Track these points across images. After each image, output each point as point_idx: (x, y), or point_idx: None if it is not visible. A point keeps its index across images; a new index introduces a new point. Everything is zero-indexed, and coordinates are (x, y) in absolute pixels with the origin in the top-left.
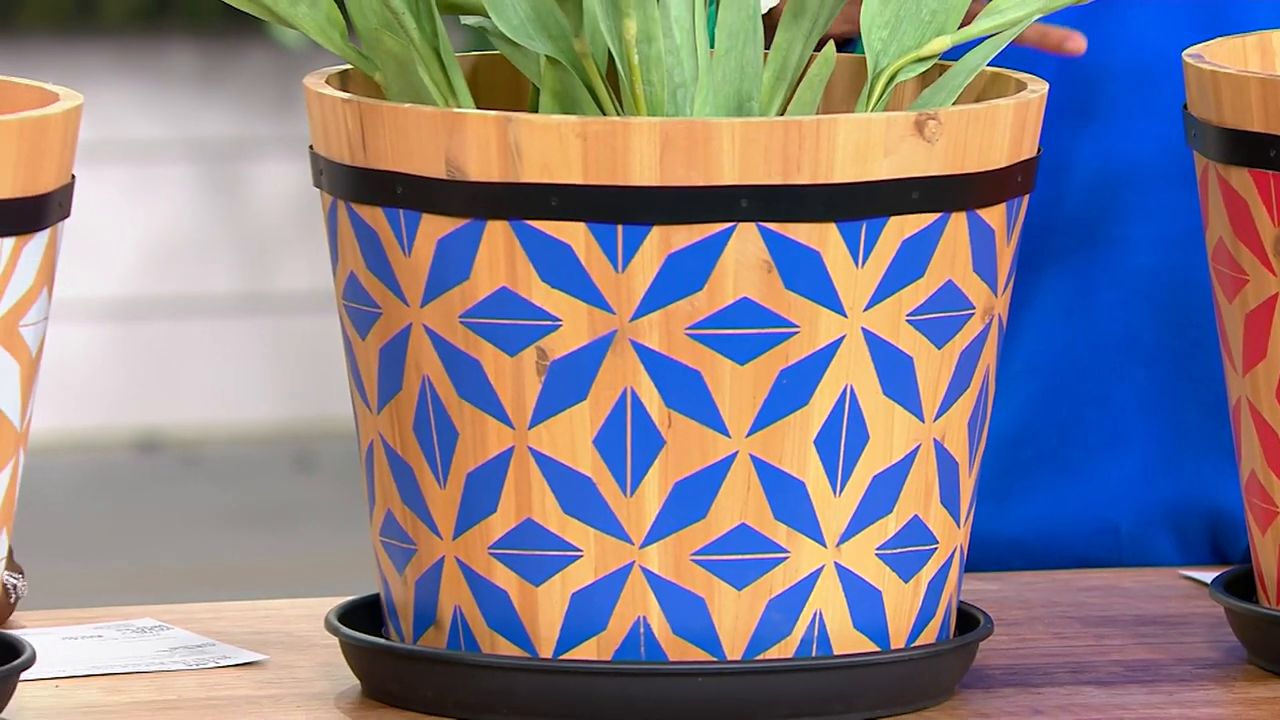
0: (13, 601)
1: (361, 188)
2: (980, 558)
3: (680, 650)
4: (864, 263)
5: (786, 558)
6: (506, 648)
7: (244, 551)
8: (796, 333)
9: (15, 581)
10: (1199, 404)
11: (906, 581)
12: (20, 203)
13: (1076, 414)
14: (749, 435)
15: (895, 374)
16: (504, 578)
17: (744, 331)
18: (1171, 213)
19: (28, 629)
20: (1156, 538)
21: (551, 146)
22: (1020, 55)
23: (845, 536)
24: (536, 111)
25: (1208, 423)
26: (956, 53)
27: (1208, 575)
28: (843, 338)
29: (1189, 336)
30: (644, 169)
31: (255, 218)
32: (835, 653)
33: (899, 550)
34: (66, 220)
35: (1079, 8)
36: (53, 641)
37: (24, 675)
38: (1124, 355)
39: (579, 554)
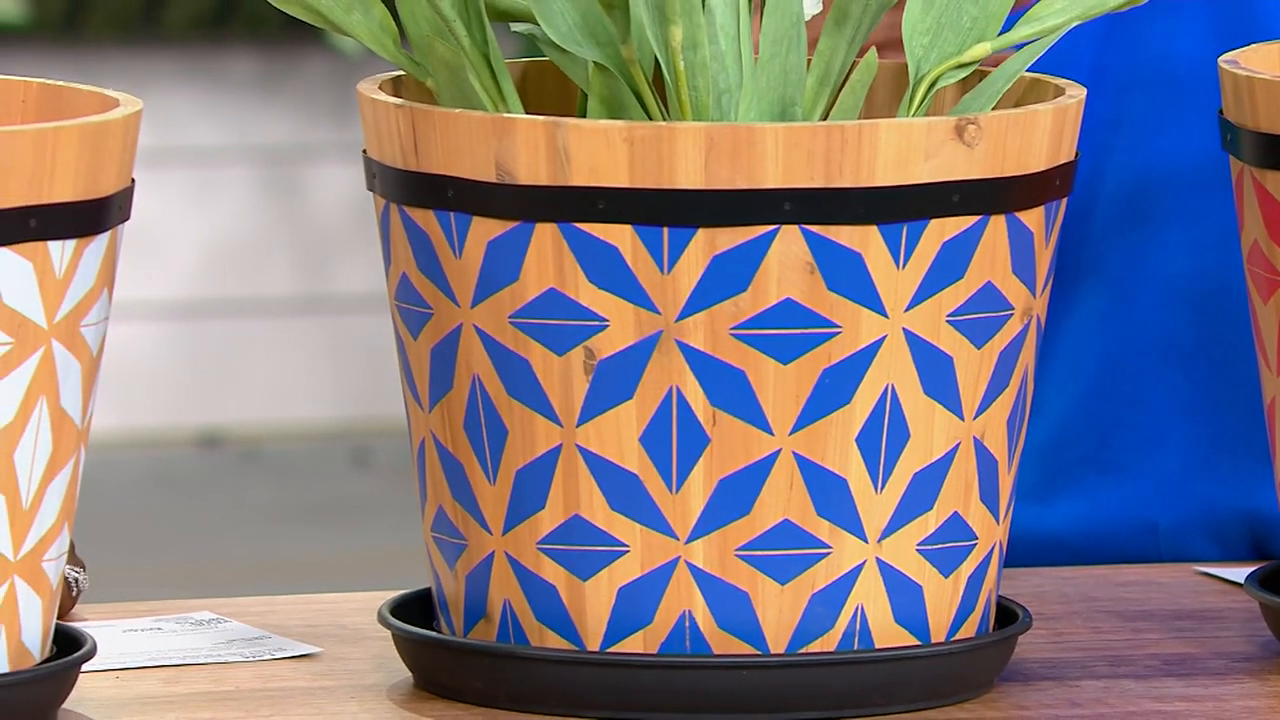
0: (74, 595)
1: (413, 191)
2: (1023, 555)
3: (725, 644)
4: (905, 264)
5: (829, 553)
6: (555, 641)
7: (301, 546)
8: (839, 333)
9: (77, 575)
10: (1235, 406)
11: (946, 577)
12: (81, 206)
13: (1116, 416)
14: (792, 433)
15: (935, 373)
16: (552, 572)
17: (787, 332)
18: (1206, 217)
19: (89, 621)
20: (1195, 537)
21: (599, 151)
22: (1058, 62)
23: (886, 532)
24: (584, 116)
25: (1244, 424)
26: (996, 59)
27: (1226, 571)
28: (884, 338)
29: (1225, 339)
30: (689, 173)
31: (313, 221)
32: (876, 646)
33: (939, 546)
34: (127, 223)
35: (1109, 15)
36: (113, 634)
37: (85, 667)
38: (1161, 358)
39: (625, 549)
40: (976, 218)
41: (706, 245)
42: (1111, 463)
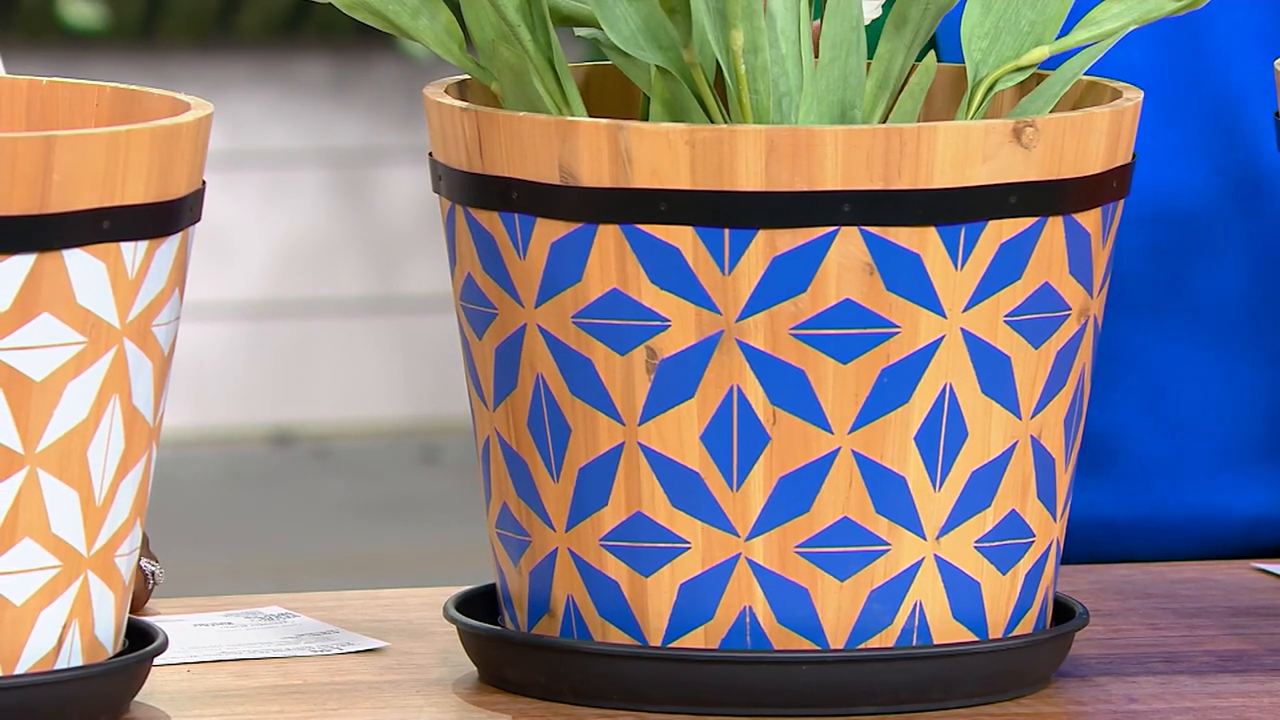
0: (150, 587)
1: (478, 193)
2: None
3: (785, 639)
4: (963, 265)
5: (887, 550)
6: (617, 636)
7: (370, 541)
8: (897, 333)
9: (154, 568)
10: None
11: (1004, 573)
12: (153, 208)
13: (1128, 415)
14: (851, 432)
15: (993, 373)
16: (615, 568)
17: (846, 332)
18: (1215, 225)
19: (161, 615)
20: (1209, 531)
21: (661, 153)
22: (1115, 65)
23: (945, 530)
24: (647, 119)
25: (1222, 429)
26: (1054, 62)
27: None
28: (942, 338)
29: (1231, 346)
30: (750, 175)
31: (383, 222)
32: (935, 642)
33: (997, 543)
34: (198, 224)
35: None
36: (185, 628)
37: (157, 660)
38: (1127, 365)
39: (687, 546)
40: (1034, 219)
41: (767, 246)
42: (1121, 461)
